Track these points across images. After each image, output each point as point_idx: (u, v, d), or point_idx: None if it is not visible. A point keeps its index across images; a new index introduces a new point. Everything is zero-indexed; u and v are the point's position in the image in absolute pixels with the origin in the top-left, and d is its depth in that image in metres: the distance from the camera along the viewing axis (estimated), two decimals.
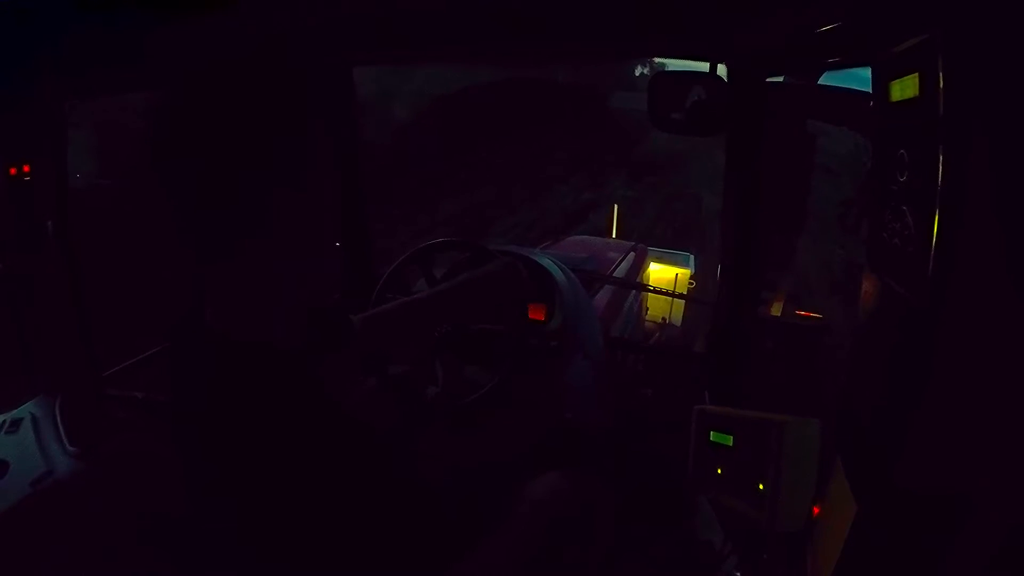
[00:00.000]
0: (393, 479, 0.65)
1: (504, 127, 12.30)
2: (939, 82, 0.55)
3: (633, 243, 5.04)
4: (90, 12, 0.90)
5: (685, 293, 4.29)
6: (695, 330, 3.92)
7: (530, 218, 10.97)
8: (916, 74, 0.59)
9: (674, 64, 1.36)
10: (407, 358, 1.23)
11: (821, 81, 1.28)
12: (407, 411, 1.13)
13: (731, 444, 0.96)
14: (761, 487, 0.90)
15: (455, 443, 1.28)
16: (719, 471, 0.98)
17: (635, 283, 3.87)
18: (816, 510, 0.86)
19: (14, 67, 1.08)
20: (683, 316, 4.57)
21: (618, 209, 8.06)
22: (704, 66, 1.26)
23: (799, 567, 0.88)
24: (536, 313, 1.52)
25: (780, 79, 1.34)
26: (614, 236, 7.10)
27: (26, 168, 1.23)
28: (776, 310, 1.93)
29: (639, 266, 4.58)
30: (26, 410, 1.33)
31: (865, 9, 0.74)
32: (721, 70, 1.25)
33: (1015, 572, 0.62)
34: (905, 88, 0.62)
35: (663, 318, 4.40)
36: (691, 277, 5.26)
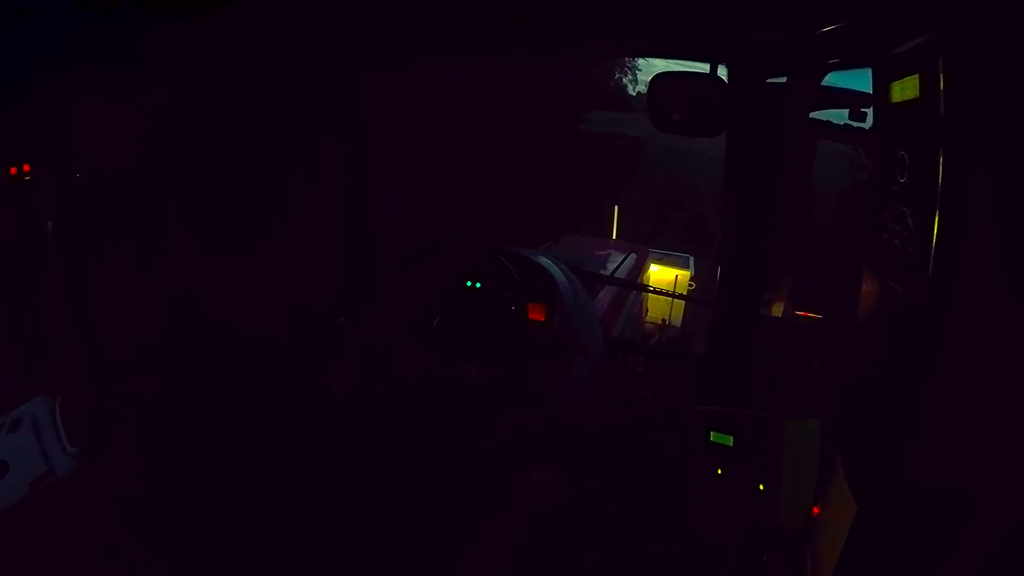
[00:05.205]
0: (392, 477, 0.65)
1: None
2: (939, 83, 0.55)
3: (633, 244, 5.03)
4: (90, 12, 0.90)
5: (685, 294, 4.28)
6: (695, 331, 3.92)
7: None
8: (916, 75, 0.59)
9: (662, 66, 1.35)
10: (406, 358, 1.23)
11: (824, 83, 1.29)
12: (407, 410, 1.13)
13: (731, 444, 0.97)
14: (761, 487, 0.90)
15: (456, 442, 1.27)
16: (719, 471, 0.98)
17: (635, 284, 3.86)
18: (816, 510, 0.86)
19: (14, 67, 1.08)
20: (683, 317, 4.57)
21: None
22: (704, 67, 1.26)
23: (799, 567, 0.88)
24: (536, 313, 1.52)
25: (781, 80, 1.34)
26: (614, 236, 7.09)
27: (26, 168, 1.23)
28: (776, 310, 1.92)
29: (640, 267, 4.58)
30: (26, 410, 1.32)
31: (865, 10, 0.74)
32: (721, 71, 1.25)
33: (1013, 572, 0.62)
34: (905, 89, 0.62)
35: (663, 319, 4.40)
36: (691, 279, 5.25)
